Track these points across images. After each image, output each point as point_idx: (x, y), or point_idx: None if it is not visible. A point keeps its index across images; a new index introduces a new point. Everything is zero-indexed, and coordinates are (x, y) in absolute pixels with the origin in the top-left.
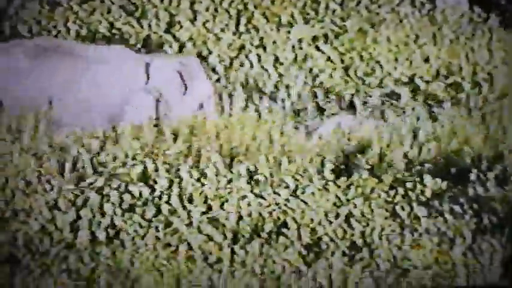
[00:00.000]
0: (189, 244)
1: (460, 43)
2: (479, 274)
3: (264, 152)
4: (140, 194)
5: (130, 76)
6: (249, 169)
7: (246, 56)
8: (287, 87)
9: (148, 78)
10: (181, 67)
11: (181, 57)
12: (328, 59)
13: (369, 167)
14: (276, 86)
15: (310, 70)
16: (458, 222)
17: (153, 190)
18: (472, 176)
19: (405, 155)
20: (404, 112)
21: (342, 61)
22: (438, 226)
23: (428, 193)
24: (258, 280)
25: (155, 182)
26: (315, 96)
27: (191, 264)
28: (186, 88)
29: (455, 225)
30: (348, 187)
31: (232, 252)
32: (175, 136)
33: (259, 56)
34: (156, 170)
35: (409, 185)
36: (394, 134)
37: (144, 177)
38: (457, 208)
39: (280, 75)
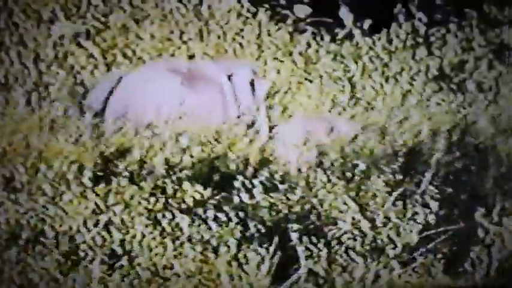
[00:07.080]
0: None
1: (228, 38)
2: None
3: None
4: None
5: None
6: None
7: (6, 53)
8: (46, 86)
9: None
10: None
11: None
12: (91, 56)
13: (128, 173)
14: (35, 84)
15: (72, 68)
16: (223, 230)
17: None
18: (237, 183)
19: (166, 161)
20: None
21: (105, 58)
22: (202, 234)
23: (189, 200)
24: None
25: None
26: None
27: None
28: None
29: (220, 233)
30: (107, 194)
31: None
32: None
33: (19, 53)
34: None
35: (169, 191)
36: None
37: None
38: (221, 216)
39: (41, 72)
